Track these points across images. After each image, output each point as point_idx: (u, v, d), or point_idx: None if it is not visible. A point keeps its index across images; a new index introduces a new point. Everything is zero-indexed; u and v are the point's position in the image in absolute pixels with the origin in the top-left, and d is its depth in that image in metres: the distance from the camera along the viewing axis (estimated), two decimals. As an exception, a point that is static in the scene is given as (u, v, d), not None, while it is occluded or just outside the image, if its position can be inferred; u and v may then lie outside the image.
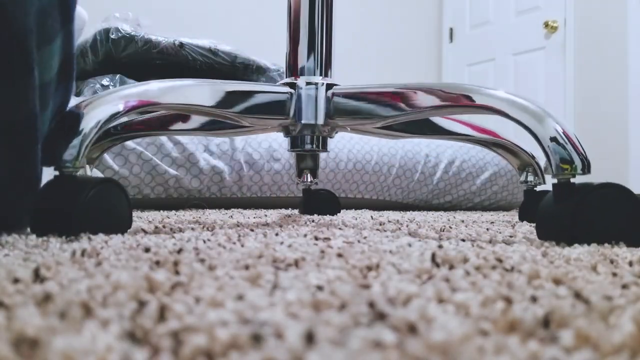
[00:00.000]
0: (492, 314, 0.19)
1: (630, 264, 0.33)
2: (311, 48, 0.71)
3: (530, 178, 0.90)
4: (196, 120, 0.77)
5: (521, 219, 0.96)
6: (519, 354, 0.15)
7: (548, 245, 0.41)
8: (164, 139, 1.33)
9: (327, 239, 0.44)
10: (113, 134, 0.76)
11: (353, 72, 2.86)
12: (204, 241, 0.40)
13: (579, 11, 2.66)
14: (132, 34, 1.49)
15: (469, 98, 0.56)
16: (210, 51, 1.54)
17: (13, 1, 0.35)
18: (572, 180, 0.47)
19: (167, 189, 1.35)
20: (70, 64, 0.46)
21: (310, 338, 0.16)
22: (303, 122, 0.67)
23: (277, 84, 0.71)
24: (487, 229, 0.63)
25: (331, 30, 0.73)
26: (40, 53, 0.39)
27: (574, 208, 0.44)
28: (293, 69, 0.71)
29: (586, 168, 0.48)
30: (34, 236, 0.43)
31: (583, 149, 0.49)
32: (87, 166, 0.77)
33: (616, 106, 2.49)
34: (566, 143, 0.48)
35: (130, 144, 1.29)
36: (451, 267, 0.30)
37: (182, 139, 1.36)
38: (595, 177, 2.63)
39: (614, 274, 0.28)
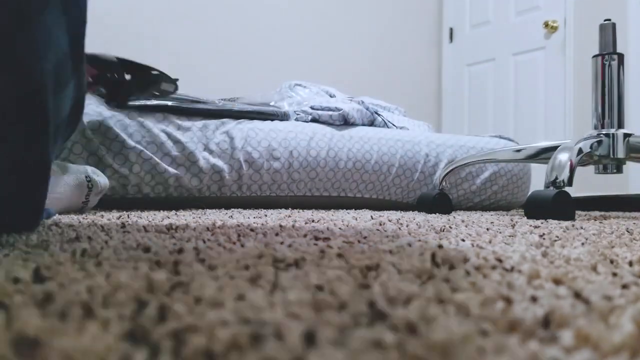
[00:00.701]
0: (492, 314, 0.19)
1: (630, 263, 0.33)
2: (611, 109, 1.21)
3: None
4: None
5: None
6: (519, 354, 0.15)
7: (548, 245, 0.41)
8: (163, 137, 1.33)
9: (327, 239, 0.44)
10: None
11: (352, 73, 2.86)
12: (204, 241, 0.40)
13: (579, 11, 2.66)
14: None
15: None
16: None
17: (30, 57, 0.35)
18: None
19: (167, 187, 1.34)
20: (81, 105, 0.46)
21: (310, 338, 0.16)
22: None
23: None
24: (487, 229, 0.63)
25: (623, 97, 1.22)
26: (53, 101, 0.40)
27: None
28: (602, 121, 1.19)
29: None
30: (34, 236, 0.43)
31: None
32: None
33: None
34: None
35: (130, 142, 1.29)
36: (451, 267, 0.30)
37: (182, 137, 1.36)
38: (595, 176, 2.62)
39: (614, 274, 0.28)
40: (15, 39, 0.34)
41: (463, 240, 0.46)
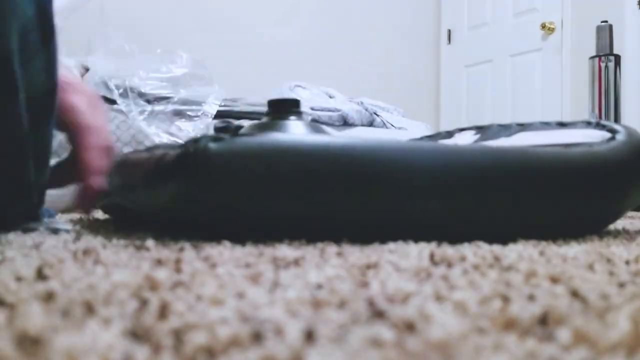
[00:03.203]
0: (489, 312, 0.19)
1: (627, 262, 0.33)
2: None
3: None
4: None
5: None
6: (516, 352, 0.15)
7: (545, 244, 0.42)
8: (164, 137, 1.33)
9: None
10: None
11: (352, 74, 2.86)
12: (205, 240, 0.40)
13: (576, 13, 2.67)
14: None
15: None
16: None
17: None
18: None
19: (166, 189, 1.34)
20: (54, 92, 0.45)
21: (310, 336, 0.16)
22: None
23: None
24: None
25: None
26: (21, 71, 0.39)
27: None
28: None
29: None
30: (35, 235, 0.43)
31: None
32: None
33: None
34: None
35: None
36: (449, 266, 0.30)
37: (184, 138, 1.35)
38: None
39: (611, 273, 0.28)
40: None
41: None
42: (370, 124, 1.73)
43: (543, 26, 2.75)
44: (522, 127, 0.66)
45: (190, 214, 0.40)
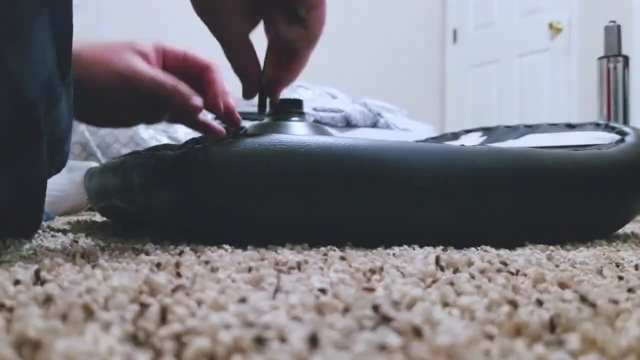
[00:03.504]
0: (497, 318, 0.19)
1: (637, 267, 0.32)
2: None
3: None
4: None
5: None
6: (525, 357, 0.15)
7: (553, 249, 0.41)
8: (163, 137, 1.34)
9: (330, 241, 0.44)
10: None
11: (355, 74, 2.86)
12: (205, 243, 0.40)
13: (584, 12, 2.66)
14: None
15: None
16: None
17: (21, 72, 0.34)
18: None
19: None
20: (69, 129, 0.46)
21: (314, 341, 0.16)
22: None
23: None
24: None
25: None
26: (45, 119, 0.39)
27: None
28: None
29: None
30: (34, 238, 0.43)
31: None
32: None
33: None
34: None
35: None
36: (455, 271, 0.29)
37: (180, 136, 1.35)
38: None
39: (620, 278, 0.28)
40: (4, 52, 0.33)
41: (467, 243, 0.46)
42: (374, 125, 1.72)
43: (550, 26, 2.74)
44: (530, 128, 0.66)
45: (190, 214, 0.40)
